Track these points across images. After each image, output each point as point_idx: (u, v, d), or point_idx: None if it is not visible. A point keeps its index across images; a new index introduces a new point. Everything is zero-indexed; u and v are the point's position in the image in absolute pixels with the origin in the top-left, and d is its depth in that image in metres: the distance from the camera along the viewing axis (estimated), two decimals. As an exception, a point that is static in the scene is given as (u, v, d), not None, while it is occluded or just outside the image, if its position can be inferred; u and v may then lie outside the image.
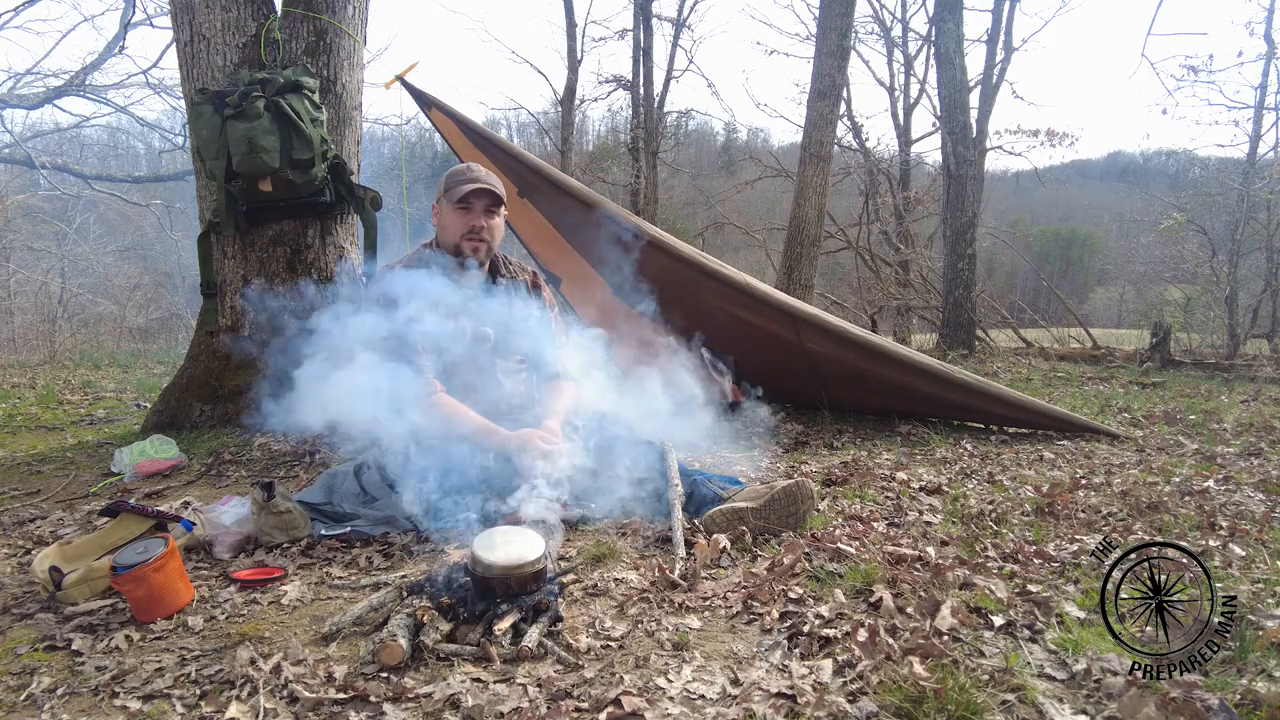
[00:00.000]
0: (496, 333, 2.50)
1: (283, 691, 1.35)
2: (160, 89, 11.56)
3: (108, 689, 1.39)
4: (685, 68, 23.47)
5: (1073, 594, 1.72)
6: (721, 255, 7.03)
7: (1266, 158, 9.21)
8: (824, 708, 1.27)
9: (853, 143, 13.63)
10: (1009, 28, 10.67)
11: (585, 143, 21.52)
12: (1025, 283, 19.37)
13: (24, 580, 1.90)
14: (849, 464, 2.99)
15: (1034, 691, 1.30)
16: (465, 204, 2.40)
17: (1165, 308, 10.16)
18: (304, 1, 3.23)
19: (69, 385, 5.79)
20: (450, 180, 2.45)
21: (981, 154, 9.30)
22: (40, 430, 3.87)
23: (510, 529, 1.77)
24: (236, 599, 1.77)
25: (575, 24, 14.13)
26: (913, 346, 7.32)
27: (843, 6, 6.85)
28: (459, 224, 2.42)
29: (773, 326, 3.63)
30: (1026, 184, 20.96)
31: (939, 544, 2.03)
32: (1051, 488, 2.65)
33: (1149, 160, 22.79)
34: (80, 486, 2.78)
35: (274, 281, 3.21)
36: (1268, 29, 8.73)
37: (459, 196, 2.39)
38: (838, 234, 12.79)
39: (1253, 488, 2.68)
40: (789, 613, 1.62)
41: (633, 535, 2.15)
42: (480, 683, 1.37)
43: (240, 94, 2.92)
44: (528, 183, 3.81)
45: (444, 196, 2.45)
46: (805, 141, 7.12)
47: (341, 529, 2.18)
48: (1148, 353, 7.27)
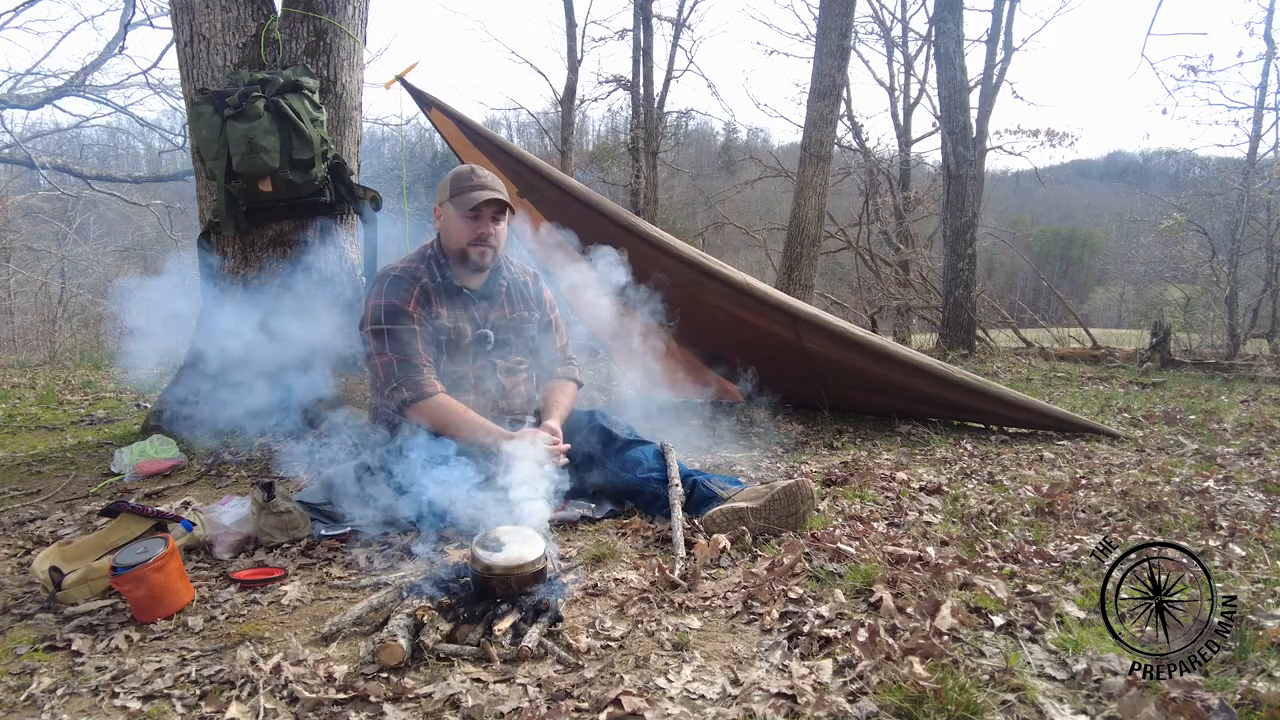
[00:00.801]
0: (497, 335, 2.50)
1: (283, 691, 1.35)
2: (160, 89, 11.56)
3: (108, 689, 1.39)
4: (685, 68, 23.56)
5: (1073, 594, 1.72)
6: (721, 255, 7.03)
7: (1266, 158, 9.22)
8: (824, 708, 1.27)
9: (853, 143, 13.64)
10: (1009, 28, 10.68)
11: (585, 143, 21.54)
12: (1025, 283, 19.37)
13: (24, 580, 1.90)
14: (849, 464, 2.99)
15: (1034, 691, 1.30)
16: (475, 212, 2.38)
17: (1165, 308, 10.16)
18: (304, 1, 3.23)
19: (69, 385, 5.79)
20: (457, 185, 2.40)
21: (981, 154, 9.29)
22: (40, 430, 3.87)
23: (510, 529, 1.77)
24: (236, 599, 1.77)
25: (575, 24, 14.16)
26: (913, 346, 7.32)
27: (843, 6, 6.85)
28: (467, 231, 2.38)
29: (773, 326, 3.63)
30: (1026, 184, 20.99)
31: (939, 544, 2.03)
32: (1051, 488, 2.65)
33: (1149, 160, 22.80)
34: (80, 486, 2.78)
35: (274, 282, 3.21)
36: (1267, 29, 8.74)
37: (470, 206, 2.36)
38: (838, 234, 12.79)
39: (1253, 488, 2.68)
40: (789, 613, 1.62)
41: (633, 535, 2.16)
42: (480, 683, 1.37)
43: (240, 94, 2.92)
44: (527, 183, 3.81)
45: (450, 201, 2.40)
46: (805, 141, 7.11)
47: (341, 529, 2.18)
48: (1148, 353, 7.27)
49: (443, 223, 2.45)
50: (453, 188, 2.41)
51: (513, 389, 2.55)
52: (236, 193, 3.05)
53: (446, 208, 2.42)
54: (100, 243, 15.89)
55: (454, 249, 2.43)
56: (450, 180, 2.44)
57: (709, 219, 16.54)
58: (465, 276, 2.47)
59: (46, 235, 14.64)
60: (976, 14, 16.54)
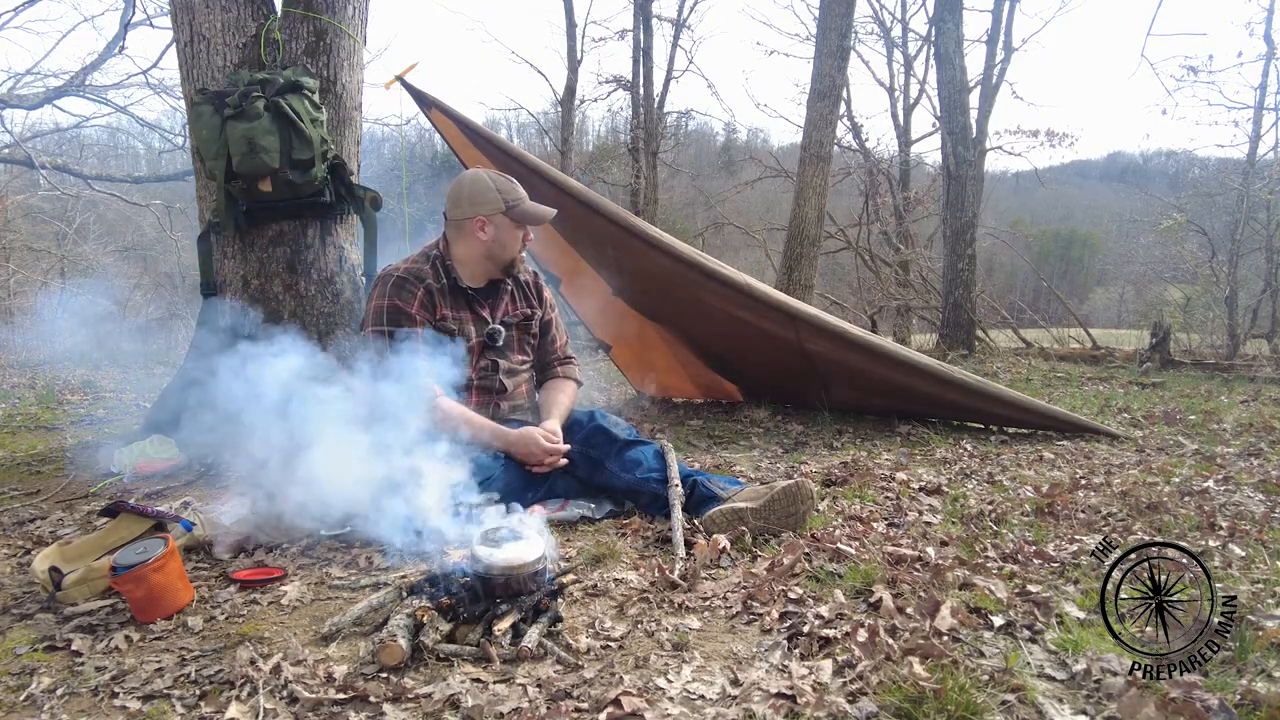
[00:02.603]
0: (504, 333, 2.51)
1: (282, 692, 1.35)
2: (160, 89, 11.56)
3: (107, 689, 1.39)
4: (685, 68, 23.50)
5: (1073, 594, 1.72)
6: (721, 255, 7.03)
7: (1266, 158, 9.22)
8: (824, 708, 1.27)
9: (853, 143, 13.64)
10: (1009, 28, 10.69)
11: (585, 143, 21.53)
12: (1025, 283, 19.38)
13: (24, 580, 1.90)
14: (849, 464, 2.99)
15: (1034, 692, 1.30)
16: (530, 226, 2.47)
17: (1165, 308, 10.16)
18: (304, 1, 3.23)
19: (69, 385, 5.79)
20: (511, 197, 2.42)
21: (981, 154, 9.30)
22: (40, 430, 3.87)
23: (510, 529, 1.77)
24: (236, 599, 1.77)
25: (575, 24, 14.14)
26: (912, 346, 7.32)
27: (843, 7, 6.86)
28: (520, 242, 2.46)
29: (772, 327, 3.63)
30: (1026, 184, 21.00)
31: (939, 544, 2.03)
32: (1051, 488, 2.65)
33: (1149, 160, 22.82)
34: (80, 486, 2.78)
35: (274, 282, 3.21)
36: (1267, 29, 8.74)
37: (538, 221, 2.47)
38: (838, 234, 12.79)
39: (1253, 488, 2.68)
40: (789, 613, 1.62)
41: (633, 535, 2.16)
42: (480, 683, 1.37)
43: (240, 94, 2.92)
44: (527, 183, 3.80)
45: (507, 214, 2.40)
46: (805, 142, 7.12)
47: (341, 529, 2.18)
48: (1147, 353, 7.27)
49: (494, 233, 2.42)
50: (506, 200, 2.41)
51: (514, 389, 2.55)
52: (236, 193, 3.05)
53: (500, 220, 2.41)
54: (100, 243, 15.88)
55: (503, 261, 2.46)
56: (498, 192, 2.42)
57: (709, 219, 16.55)
58: (474, 277, 2.48)
59: (46, 235, 14.64)
60: (976, 14, 16.54)
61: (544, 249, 4.21)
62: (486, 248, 2.43)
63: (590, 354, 7.30)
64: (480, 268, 2.47)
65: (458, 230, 2.45)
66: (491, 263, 2.46)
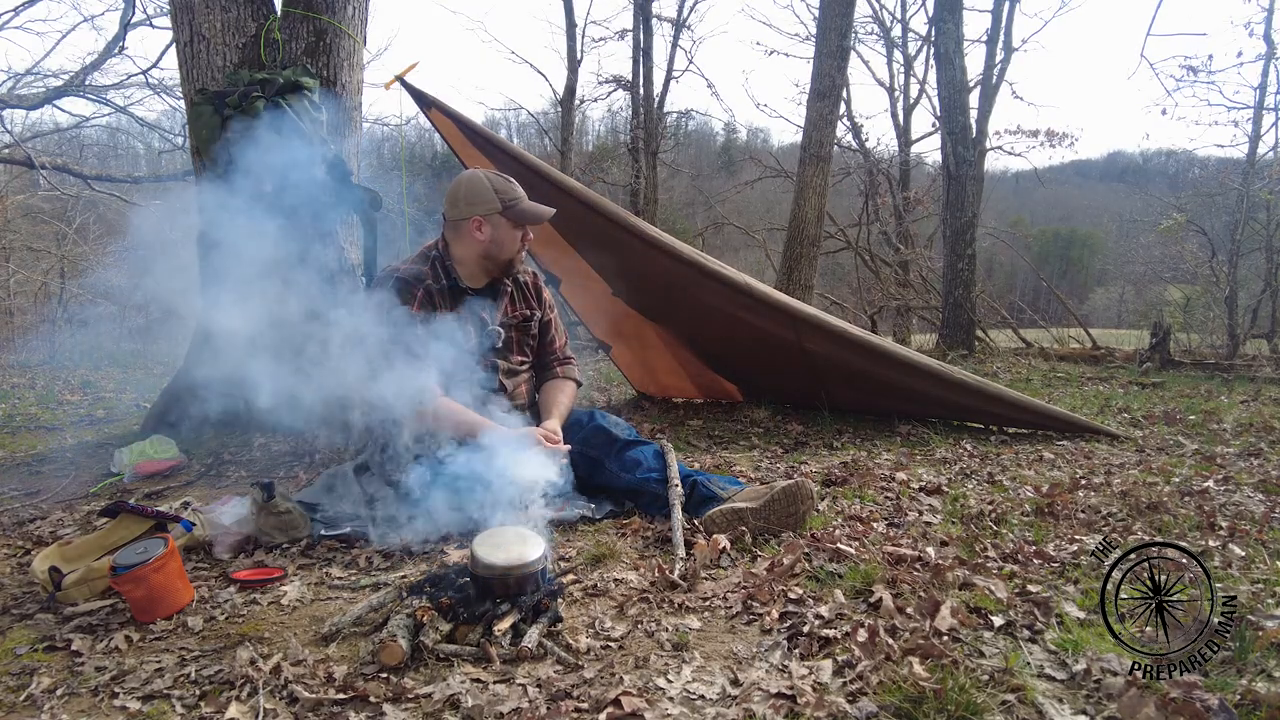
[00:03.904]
0: (504, 334, 2.51)
1: (282, 692, 1.35)
2: (160, 89, 11.54)
3: (107, 689, 1.39)
4: (685, 68, 23.57)
5: (1073, 594, 1.72)
6: (721, 255, 7.04)
7: (1266, 158, 9.20)
8: (824, 708, 1.27)
9: (853, 143, 13.64)
10: (1009, 28, 10.68)
11: (585, 143, 21.52)
12: (1025, 283, 19.39)
13: (24, 580, 1.91)
14: (849, 464, 2.99)
15: (1034, 692, 1.30)
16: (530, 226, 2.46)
17: (1165, 308, 10.15)
18: (304, 1, 3.23)
19: (69, 385, 5.79)
20: (509, 197, 2.40)
21: (981, 154, 9.29)
22: (40, 430, 3.87)
23: (510, 529, 1.78)
24: (236, 599, 1.77)
25: (575, 24, 14.14)
26: (912, 346, 7.32)
27: (843, 7, 6.86)
28: (520, 242, 2.45)
29: (772, 327, 3.63)
30: (1026, 184, 20.96)
31: (939, 544, 2.03)
32: (1051, 488, 2.65)
33: (1149, 160, 22.78)
34: (80, 486, 2.78)
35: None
36: (1267, 29, 8.71)
37: (537, 221, 2.45)
38: (838, 234, 12.79)
39: (1252, 488, 2.68)
40: (789, 613, 1.62)
41: (633, 535, 2.16)
42: (480, 683, 1.37)
43: (240, 94, 2.92)
44: (527, 183, 3.80)
45: (503, 214, 2.38)
46: (805, 142, 7.12)
47: (341, 529, 2.18)
48: (1147, 353, 7.27)
49: (491, 234, 2.41)
50: (503, 200, 2.39)
51: (514, 389, 2.55)
52: (236, 193, 3.05)
53: (497, 220, 2.39)
54: (100, 243, 15.87)
55: (502, 260, 2.45)
56: (494, 191, 2.40)
57: (709, 219, 16.54)
58: (473, 277, 2.48)
59: (46, 235, 14.62)
60: (976, 14, 16.58)
61: (544, 249, 4.21)
62: (484, 248, 2.42)
63: (590, 354, 7.30)
64: (479, 268, 2.47)
65: (455, 231, 2.45)
66: (490, 263, 2.46)
